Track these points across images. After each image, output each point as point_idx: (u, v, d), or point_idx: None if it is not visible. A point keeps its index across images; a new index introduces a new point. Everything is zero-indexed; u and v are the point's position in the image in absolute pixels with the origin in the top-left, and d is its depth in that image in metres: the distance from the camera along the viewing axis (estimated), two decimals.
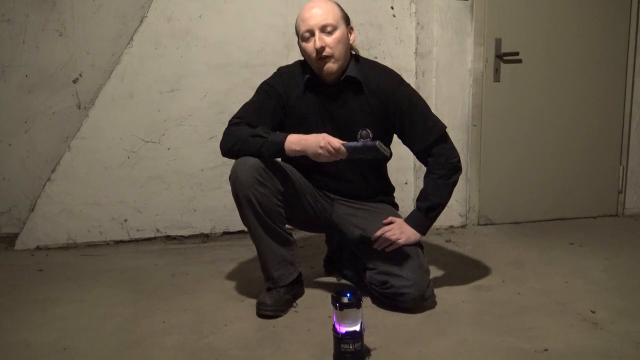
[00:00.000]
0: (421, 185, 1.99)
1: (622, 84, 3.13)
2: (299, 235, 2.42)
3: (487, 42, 2.91)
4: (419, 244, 1.96)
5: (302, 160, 1.86)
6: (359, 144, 1.76)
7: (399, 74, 2.01)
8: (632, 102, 3.14)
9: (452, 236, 2.84)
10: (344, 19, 1.91)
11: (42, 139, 2.82)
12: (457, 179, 1.98)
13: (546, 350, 1.59)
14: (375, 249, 1.93)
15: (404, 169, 3.01)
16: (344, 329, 1.51)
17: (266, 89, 1.97)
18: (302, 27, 1.88)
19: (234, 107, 2.03)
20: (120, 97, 2.74)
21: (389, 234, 1.92)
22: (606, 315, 1.82)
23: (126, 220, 2.82)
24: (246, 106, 1.96)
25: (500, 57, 2.93)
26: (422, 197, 1.97)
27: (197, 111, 2.82)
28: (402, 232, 1.92)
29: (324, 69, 1.88)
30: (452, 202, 2.26)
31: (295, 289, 1.97)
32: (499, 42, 2.92)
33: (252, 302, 1.93)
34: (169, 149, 2.82)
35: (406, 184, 3.06)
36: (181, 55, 2.77)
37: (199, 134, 2.83)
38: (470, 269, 2.33)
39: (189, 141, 2.83)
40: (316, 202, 2.01)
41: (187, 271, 2.36)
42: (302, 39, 1.90)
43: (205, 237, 2.89)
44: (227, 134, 1.89)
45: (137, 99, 2.76)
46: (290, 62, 2.06)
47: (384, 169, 2.14)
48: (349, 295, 1.51)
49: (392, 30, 2.98)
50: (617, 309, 1.87)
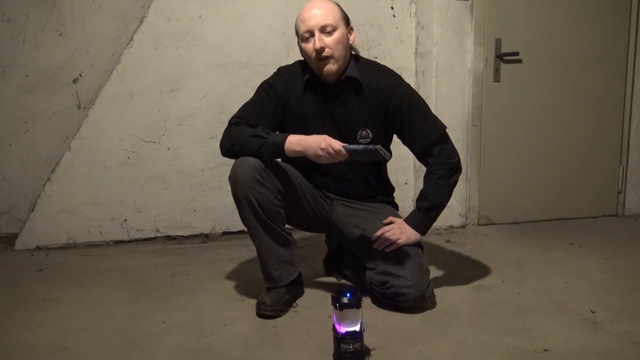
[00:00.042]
0: (421, 185, 2.00)
1: (622, 84, 3.13)
2: (299, 235, 2.42)
3: (487, 42, 2.91)
4: (418, 244, 1.97)
5: (301, 160, 1.85)
6: (360, 147, 1.75)
7: (398, 74, 2.02)
8: (632, 102, 3.14)
9: (452, 236, 2.84)
10: (344, 19, 1.91)
11: (42, 139, 2.82)
12: (457, 179, 1.98)
13: (546, 350, 1.59)
14: (375, 249, 1.93)
15: (404, 169, 3.01)
16: (343, 329, 1.51)
17: (266, 89, 1.97)
18: (302, 28, 1.88)
19: (234, 107, 2.02)
20: (120, 97, 2.74)
21: (388, 234, 1.92)
22: (606, 315, 1.82)
23: (126, 220, 2.82)
24: (246, 106, 1.96)
25: (500, 57, 2.93)
26: (422, 197, 1.97)
27: (197, 111, 2.82)
28: (402, 232, 1.92)
29: (323, 69, 1.88)
30: (452, 202, 2.26)
31: (295, 289, 1.97)
32: (499, 42, 2.92)
33: (252, 302, 1.93)
34: (169, 149, 2.82)
35: (406, 184, 3.06)
36: (181, 55, 2.77)
37: (199, 134, 2.84)
38: (470, 269, 2.33)
39: (189, 141, 2.83)
40: (316, 202, 2.01)
41: (187, 271, 2.36)
42: (302, 39, 1.90)
43: (205, 237, 2.89)
44: (227, 134, 1.89)
45: (137, 99, 2.76)
46: (290, 62, 2.06)
47: (384, 169, 2.14)
48: (349, 295, 1.51)
49: (392, 30, 2.98)
50: (617, 309, 1.87)
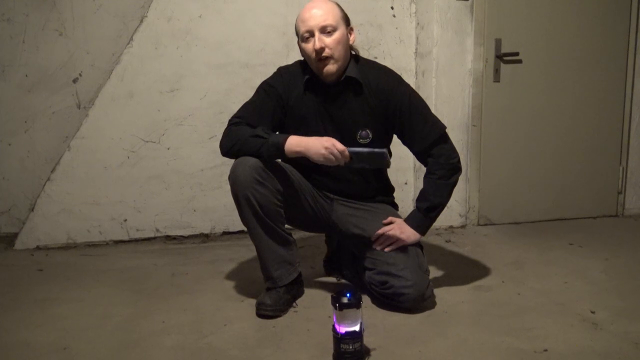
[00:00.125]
0: (421, 185, 2.00)
1: (622, 84, 3.13)
2: (298, 235, 2.42)
3: (487, 42, 2.91)
4: (418, 244, 1.97)
5: (301, 160, 1.85)
6: (365, 150, 1.75)
7: (398, 74, 2.02)
8: (632, 102, 3.14)
9: (452, 236, 2.84)
10: (344, 20, 1.91)
11: (42, 139, 2.82)
12: (457, 179, 1.98)
13: (546, 350, 1.59)
14: (374, 249, 1.93)
15: (404, 169, 3.01)
16: (343, 329, 1.51)
17: (266, 89, 1.97)
18: (302, 28, 1.88)
19: (234, 107, 2.02)
20: (120, 96, 2.74)
21: (388, 234, 1.93)
22: (606, 315, 1.82)
23: (126, 220, 2.82)
24: (246, 106, 1.96)
25: (500, 57, 2.93)
26: (421, 198, 1.97)
27: (197, 111, 2.82)
28: (401, 232, 1.92)
29: (323, 70, 1.87)
30: (452, 202, 2.26)
31: (295, 289, 1.97)
32: (499, 42, 2.92)
33: (252, 302, 1.93)
34: (168, 149, 2.82)
35: (406, 184, 3.06)
36: (181, 55, 2.77)
37: (198, 133, 2.83)
38: (470, 269, 2.33)
39: (188, 141, 2.83)
40: (316, 202, 2.01)
41: (186, 271, 2.36)
42: (302, 39, 1.89)
43: (205, 237, 2.89)
44: (227, 134, 1.89)
45: (137, 99, 2.76)
46: (290, 62, 2.06)
47: (384, 169, 2.14)
48: (348, 295, 1.51)
49: (392, 30, 2.98)
50: (616, 309, 1.87)
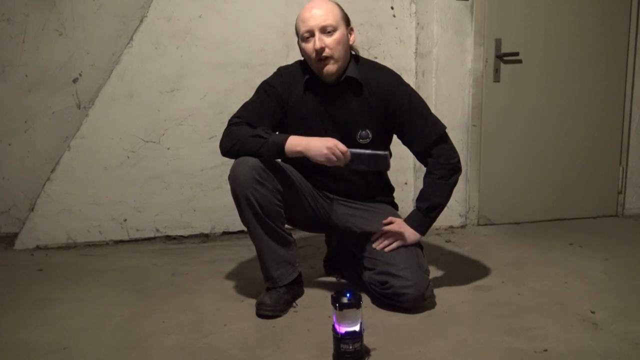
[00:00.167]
0: (421, 185, 2.00)
1: (622, 84, 3.13)
2: (299, 235, 2.42)
3: (487, 42, 2.90)
4: (418, 244, 1.97)
5: (301, 160, 1.85)
6: (366, 152, 1.75)
7: (398, 74, 2.02)
8: (632, 102, 3.14)
9: (452, 236, 2.84)
10: (344, 20, 1.91)
11: (41, 139, 2.82)
12: (457, 179, 1.98)
13: (546, 350, 1.59)
14: (374, 249, 1.93)
15: (404, 169, 3.01)
16: (343, 329, 1.50)
17: (266, 89, 1.97)
18: (302, 28, 1.88)
19: (234, 107, 2.02)
20: (120, 96, 2.74)
21: (388, 234, 1.93)
22: (606, 315, 1.82)
23: (126, 220, 2.82)
24: (246, 106, 1.96)
25: (500, 57, 2.93)
26: (421, 198, 1.97)
27: (197, 111, 2.82)
28: (401, 232, 1.92)
29: (323, 70, 1.87)
30: (452, 202, 2.25)
31: (294, 289, 1.96)
32: (499, 42, 2.92)
33: (252, 302, 1.93)
34: (168, 149, 2.82)
35: (406, 184, 3.06)
36: (181, 55, 2.77)
37: (198, 133, 2.83)
38: (470, 269, 2.33)
39: (188, 141, 2.83)
40: (316, 202, 2.01)
41: (186, 271, 2.36)
42: (302, 39, 1.89)
43: (205, 237, 2.89)
44: (227, 134, 1.89)
45: (137, 99, 2.76)
46: (290, 62, 2.06)
47: None
48: (348, 295, 1.51)
49: (392, 30, 2.98)
50: (616, 309, 1.87)
